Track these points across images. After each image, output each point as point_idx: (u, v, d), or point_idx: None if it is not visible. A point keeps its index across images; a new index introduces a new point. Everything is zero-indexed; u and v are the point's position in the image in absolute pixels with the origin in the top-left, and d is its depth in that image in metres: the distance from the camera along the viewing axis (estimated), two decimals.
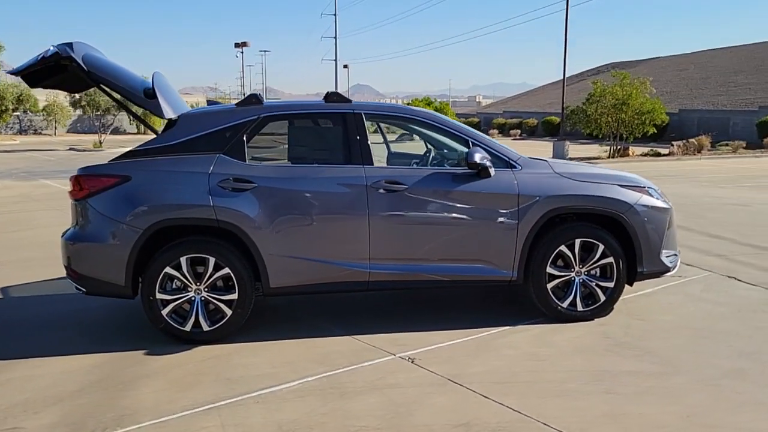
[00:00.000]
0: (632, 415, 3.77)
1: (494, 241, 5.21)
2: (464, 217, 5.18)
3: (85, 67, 4.94)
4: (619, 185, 5.43)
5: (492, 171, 5.16)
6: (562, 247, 5.27)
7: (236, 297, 4.99)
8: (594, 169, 5.68)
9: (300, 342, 5.03)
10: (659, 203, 5.49)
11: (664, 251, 5.49)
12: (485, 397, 4.02)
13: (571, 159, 19.88)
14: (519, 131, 44.72)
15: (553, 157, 13.76)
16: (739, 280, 6.62)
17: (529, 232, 5.20)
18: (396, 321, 5.48)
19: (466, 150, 5.30)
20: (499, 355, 4.72)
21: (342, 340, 5.07)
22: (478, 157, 5.09)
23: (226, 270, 4.95)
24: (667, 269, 5.53)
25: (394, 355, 4.73)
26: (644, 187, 5.52)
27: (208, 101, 6.22)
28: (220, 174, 4.98)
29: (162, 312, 4.94)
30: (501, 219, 5.18)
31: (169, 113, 5.16)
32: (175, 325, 4.97)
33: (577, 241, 5.29)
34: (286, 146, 5.38)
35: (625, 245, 5.37)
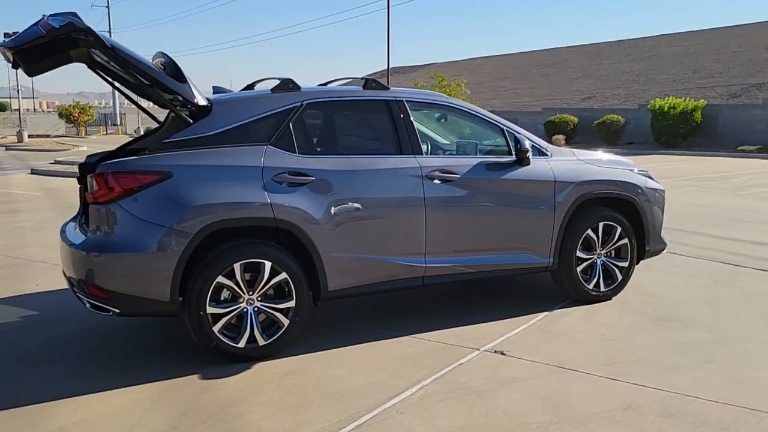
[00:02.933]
0: (757, 378, 4.04)
1: (535, 228, 5.26)
2: (510, 205, 5.17)
3: (107, 44, 4.11)
4: (629, 170, 5.78)
5: (531, 159, 5.21)
6: (589, 231, 5.47)
7: (294, 304, 4.49)
8: (604, 156, 5.96)
9: (364, 347, 4.67)
10: (658, 185, 5.93)
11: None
12: (614, 379, 4.05)
13: None
14: None
15: None
16: (677, 254, 7.35)
17: (563, 217, 5.33)
18: (435, 316, 5.29)
19: (499, 138, 5.30)
20: (572, 339, 4.78)
21: (405, 340, 4.79)
22: (528, 144, 5.12)
23: (283, 275, 4.43)
24: (665, 246, 6.00)
25: (479, 350, 4.57)
26: (647, 171, 5.92)
27: (214, 88, 5.48)
28: (273, 167, 4.44)
29: (213, 328, 4.29)
30: (541, 206, 5.25)
31: (201, 99, 4.49)
32: (228, 342, 4.34)
33: (601, 225, 5.52)
34: (330, 135, 4.95)
35: (635, 226, 5.71)
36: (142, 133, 43.38)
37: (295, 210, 4.42)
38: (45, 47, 4.16)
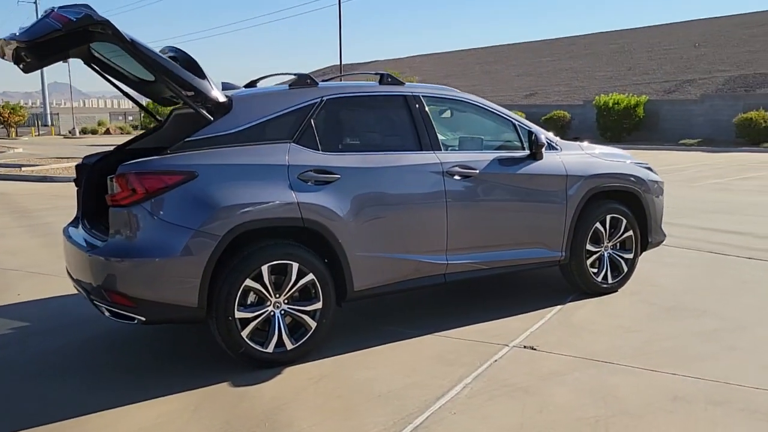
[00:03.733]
0: None
1: (549, 223, 5.28)
2: (526, 199, 5.17)
3: (126, 38, 3.89)
4: (633, 163, 5.86)
5: (543, 153, 5.22)
6: (597, 224, 5.52)
7: (320, 306, 4.36)
8: (606, 149, 6.01)
9: (391, 348, 4.57)
10: (658, 178, 6.03)
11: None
12: (651, 370, 4.08)
13: None
14: None
15: None
16: (665, 245, 7.50)
17: (575, 211, 5.36)
18: (450, 313, 5.24)
19: (512, 132, 5.30)
20: (594, 331, 4.81)
21: (429, 339, 4.72)
22: (544, 138, 5.13)
23: (310, 276, 4.29)
24: (665, 237, 6.12)
25: (508, 346, 4.55)
26: (646, 163, 6.02)
27: (223, 84, 5.25)
28: (298, 166, 4.30)
29: (242, 334, 4.12)
30: (555, 200, 5.26)
31: (221, 95, 4.31)
32: (256, 347, 4.18)
33: (608, 217, 5.58)
34: (351, 132, 4.84)
35: (638, 218, 5.80)
36: (78, 134, 41.56)
37: (321, 209, 4.29)
38: (58, 41, 3.91)
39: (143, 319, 3.97)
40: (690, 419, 3.46)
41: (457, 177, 4.81)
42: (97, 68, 4.95)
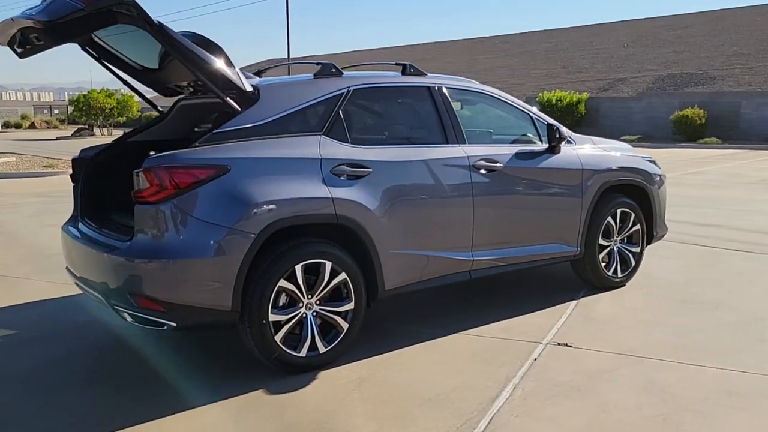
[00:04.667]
0: None
1: (567, 217, 5.20)
2: (547, 193, 5.08)
3: (154, 21, 3.57)
4: (639, 157, 5.86)
5: (561, 147, 5.15)
6: (609, 218, 5.49)
7: (352, 306, 4.14)
8: (615, 143, 5.98)
9: (422, 349, 4.39)
10: (661, 171, 6.05)
11: None
12: (695, 365, 4.03)
13: None
14: None
15: None
16: None
17: (590, 205, 5.30)
18: (467, 311, 5.10)
19: (529, 126, 5.20)
20: (620, 326, 4.75)
21: (458, 338, 4.56)
22: (565, 131, 5.05)
23: (343, 275, 4.07)
24: (667, 230, 6.15)
25: (541, 343, 4.44)
26: (650, 157, 6.03)
27: None
28: (331, 159, 4.07)
29: (275, 338, 3.87)
30: (572, 194, 5.20)
31: (247, 84, 4.03)
32: (290, 352, 3.93)
33: (618, 211, 5.55)
34: (379, 124, 4.63)
35: (644, 212, 5.80)
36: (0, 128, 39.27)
37: (355, 204, 4.07)
38: (78, 22, 3.56)
39: (174, 324, 3.66)
40: (755, 414, 3.42)
41: (482, 171, 4.67)
42: (93, 53, 4.58)
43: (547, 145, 5.11)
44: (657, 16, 56.33)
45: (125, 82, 4.84)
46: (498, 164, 4.76)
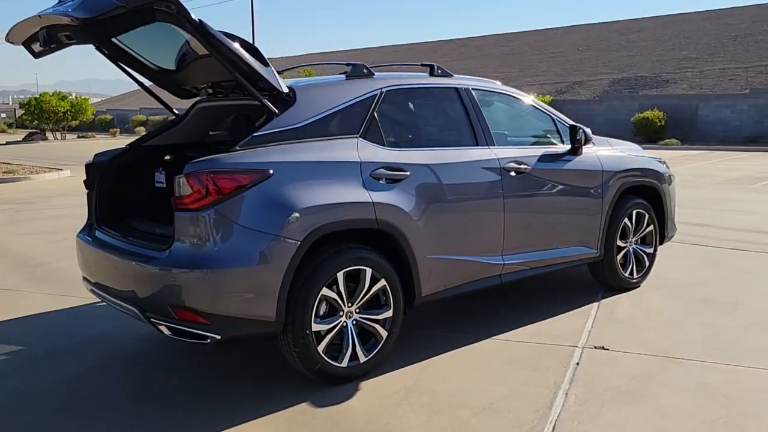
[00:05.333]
0: None
1: (588, 219, 5.18)
2: (571, 195, 5.04)
3: (195, 18, 3.39)
4: (652, 158, 5.87)
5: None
6: (625, 219, 5.48)
7: (391, 314, 4.03)
8: (627, 144, 5.98)
9: (459, 355, 4.29)
10: (671, 172, 6.08)
11: None
12: (739, 366, 4.02)
13: None
14: None
15: None
16: None
17: (608, 207, 5.29)
18: (489, 315, 5.03)
19: (551, 127, 5.17)
20: (649, 328, 4.73)
21: (490, 344, 4.48)
22: (590, 132, 5.02)
23: (382, 282, 3.95)
24: (675, 231, 6.19)
25: (578, 347, 4.39)
26: (660, 158, 6.05)
27: None
28: (370, 162, 3.94)
29: (318, 348, 3.73)
30: (594, 196, 5.17)
31: (284, 85, 3.88)
32: (332, 362, 3.79)
33: (634, 213, 5.55)
34: (412, 126, 4.52)
35: (657, 213, 5.81)
36: None
37: (394, 209, 3.95)
38: (116, 20, 3.36)
39: (218, 337, 3.48)
40: None
41: (512, 173, 4.61)
42: (107, 53, 4.36)
43: (570, 146, 5.07)
44: (609, 21, 57.51)
45: (140, 84, 4.61)
46: (526, 166, 4.70)
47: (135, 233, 4.13)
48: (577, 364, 4.11)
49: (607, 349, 4.34)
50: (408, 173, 4.05)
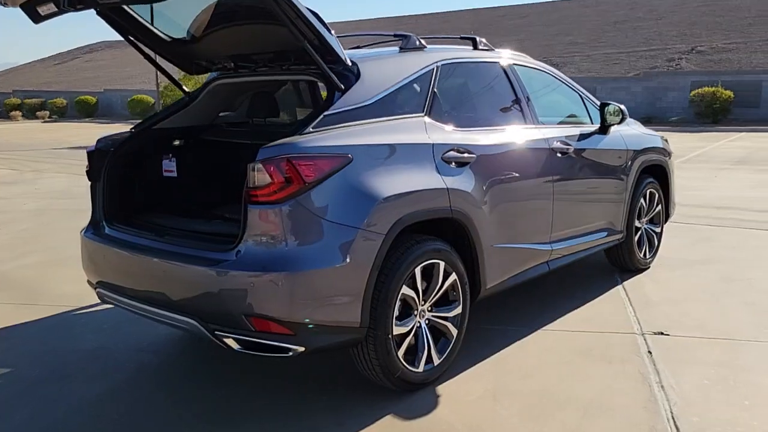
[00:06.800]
0: None
1: (617, 200, 5.01)
2: (605, 176, 4.86)
3: None
4: (656, 135, 5.77)
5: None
6: (641, 200, 5.37)
7: (461, 310, 3.67)
8: (635, 121, 5.82)
9: (516, 350, 3.98)
10: (671, 149, 6.01)
11: None
12: None
13: None
14: (48, 113, 38.80)
15: None
16: None
17: (631, 187, 5.15)
18: (522, 305, 4.75)
19: (580, 105, 4.95)
20: (690, 309, 4.58)
21: (542, 335, 4.20)
22: (624, 109, 4.83)
23: (453, 277, 3.57)
24: (674, 210, 6.16)
25: (637, 334, 4.18)
26: (661, 135, 5.97)
27: None
28: (439, 144, 3.53)
29: (398, 353, 3.32)
30: (621, 177, 5.01)
31: (347, 58, 3.40)
32: (410, 368, 3.39)
33: (647, 192, 5.45)
34: (467, 104, 4.13)
35: (663, 191, 5.72)
36: None
37: (465, 195, 3.57)
38: None
39: (302, 349, 2.99)
40: None
41: (558, 154, 4.35)
42: (112, 16, 3.70)
43: (599, 125, 4.87)
44: (496, 6, 58.95)
45: (148, 58, 3.96)
46: (570, 146, 4.45)
47: (159, 230, 3.53)
48: (650, 352, 3.91)
49: (667, 335, 4.18)
50: (475, 155, 3.68)
